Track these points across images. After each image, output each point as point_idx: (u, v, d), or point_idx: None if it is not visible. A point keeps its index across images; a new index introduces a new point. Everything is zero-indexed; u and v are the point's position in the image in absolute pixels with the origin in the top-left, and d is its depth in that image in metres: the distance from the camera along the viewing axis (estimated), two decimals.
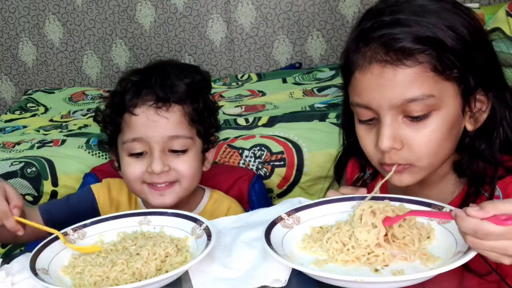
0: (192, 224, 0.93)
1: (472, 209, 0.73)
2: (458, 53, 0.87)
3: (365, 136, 0.94)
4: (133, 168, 1.13)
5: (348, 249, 0.82)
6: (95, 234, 0.96)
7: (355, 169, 1.12)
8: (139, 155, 1.13)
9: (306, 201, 0.96)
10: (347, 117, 1.04)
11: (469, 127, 0.93)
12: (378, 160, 0.93)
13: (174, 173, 1.12)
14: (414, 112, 0.87)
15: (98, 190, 1.26)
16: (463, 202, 0.94)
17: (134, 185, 1.15)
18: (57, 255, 0.90)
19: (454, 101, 0.89)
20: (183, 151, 1.13)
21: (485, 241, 0.72)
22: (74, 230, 0.96)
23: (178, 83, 1.14)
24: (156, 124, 1.11)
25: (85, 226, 0.97)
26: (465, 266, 0.78)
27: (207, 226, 0.90)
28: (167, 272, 0.81)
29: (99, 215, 1.14)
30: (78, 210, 1.22)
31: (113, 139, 1.19)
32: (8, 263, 0.92)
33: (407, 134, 0.89)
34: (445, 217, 0.83)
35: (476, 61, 0.89)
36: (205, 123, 1.17)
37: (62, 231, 0.95)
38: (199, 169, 1.17)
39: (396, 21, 0.87)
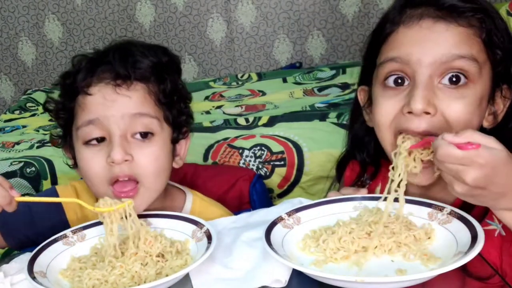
0: (192, 227, 0.92)
1: (449, 135, 0.75)
2: (504, 34, 0.88)
3: (386, 101, 0.90)
4: (92, 162, 0.96)
5: (342, 246, 0.83)
6: (95, 236, 0.95)
7: (353, 173, 1.11)
8: (97, 142, 0.96)
9: (306, 201, 0.96)
10: (356, 109, 1.04)
11: (485, 124, 0.92)
12: (395, 128, 0.89)
13: (137, 166, 0.95)
14: (453, 77, 0.85)
15: (67, 203, 1.09)
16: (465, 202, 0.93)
17: (98, 186, 0.97)
18: (56, 258, 0.89)
19: (486, 84, 0.88)
20: (148, 137, 0.97)
21: (445, 162, 0.74)
22: (74, 232, 0.95)
23: (142, 59, 0.99)
24: (115, 104, 0.95)
25: (84, 228, 0.96)
26: (466, 270, 0.78)
27: (207, 229, 0.89)
28: (167, 275, 0.80)
29: (68, 226, 1.02)
30: (42, 222, 1.07)
31: (67, 130, 1.03)
32: (7, 263, 0.92)
33: (441, 102, 0.85)
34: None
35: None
36: (174, 108, 1.02)
37: (61, 233, 0.94)
38: (167, 164, 1.01)
39: None
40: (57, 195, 1.11)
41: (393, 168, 0.86)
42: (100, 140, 0.96)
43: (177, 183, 1.15)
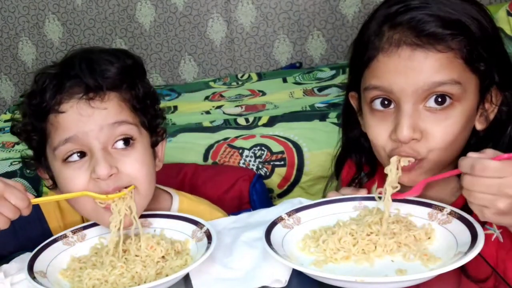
0: (192, 227, 0.93)
1: (473, 152, 0.76)
2: (485, 45, 0.87)
3: (376, 126, 0.91)
4: (75, 180, 0.91)
5: (343, 247, 0.83)
6: (95, 236, 0.96)
7: (351, 171, 1.11)
8: (78, 157, 0.92)
9: (306, 201, 0.96)
10: (348, 111, 1.04)
11: (479, 126, 0.92)
12: (389, 151, 0.90)
13: (124, 176, 0.91)
14: (438, 98, 0.86)
15: (49, 210, 1.08)
16: (466, 203, 0.93)
17: (84, 204, 0.93)
18: (56, 258, 0.89)
19: (473, 96, 0.88)
20: (130, 144, 0.93)
21: (481, 178, 0.73)
22: (74, 232, 0.95)
23: (109, 67, 0.94)
24: (92, 118, 0.91)
25: (84, 228, 0.97)
26: (463, 271, 0.78)
27: (207, 229, 0.89)
28: (167, 275, 0.80)
29: (50, 235, 0.97)
30: (24, 233, 1.03)
31: (40, 152, 0.97)
32: (7, 263, 0.92)
33: (426, 125, 0.86)
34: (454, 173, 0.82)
35: (499, 57, 0.90)
36: (148, 112, 0.99)
37: (61, 233, 0.94)
38: (152, 168, 0.98)
39: (424, 5, 0.87)
40: (39, 206, 1.07)
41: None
42: (81, 155, 0.92)
43: (165, 185, 1.12)
